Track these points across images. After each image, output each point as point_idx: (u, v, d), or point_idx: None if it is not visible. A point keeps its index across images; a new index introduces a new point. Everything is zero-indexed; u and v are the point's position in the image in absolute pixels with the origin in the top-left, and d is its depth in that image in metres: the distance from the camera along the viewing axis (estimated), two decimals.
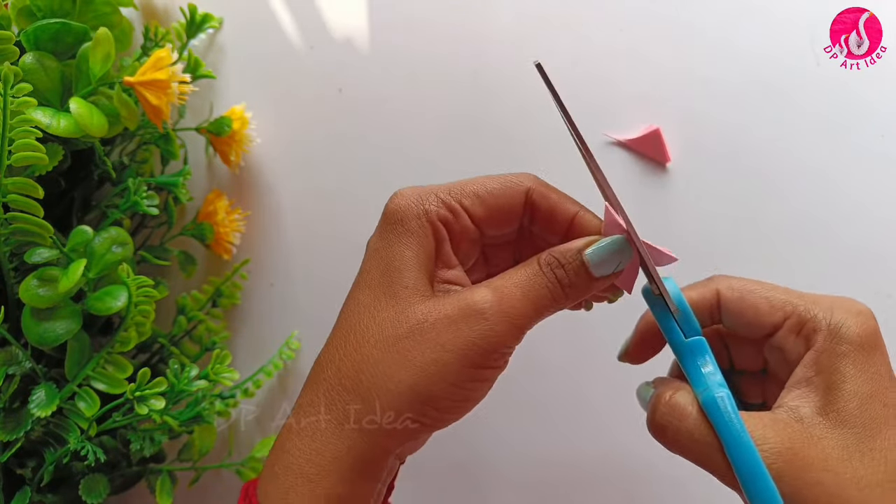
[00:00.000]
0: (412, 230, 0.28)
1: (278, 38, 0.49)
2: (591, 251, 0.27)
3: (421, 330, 0.26)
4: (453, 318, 0.26)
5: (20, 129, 0.32)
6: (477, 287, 0.27)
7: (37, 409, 0.35)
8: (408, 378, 0.26)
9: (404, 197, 0.28)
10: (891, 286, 0.44)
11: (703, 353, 0.28)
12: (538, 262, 0.27)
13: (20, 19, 0.37)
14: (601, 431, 0.46)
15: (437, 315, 0.26)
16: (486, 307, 0.26)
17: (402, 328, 0.26)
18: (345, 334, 0.27)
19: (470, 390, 0.27)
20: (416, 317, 0.26)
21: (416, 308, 0.27)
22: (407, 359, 0.26)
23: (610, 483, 0.46)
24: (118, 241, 0.38)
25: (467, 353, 0.26)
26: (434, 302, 0.27)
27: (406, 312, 0.27)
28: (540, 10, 0.46)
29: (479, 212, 0.29)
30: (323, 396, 0.27)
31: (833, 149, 0.44)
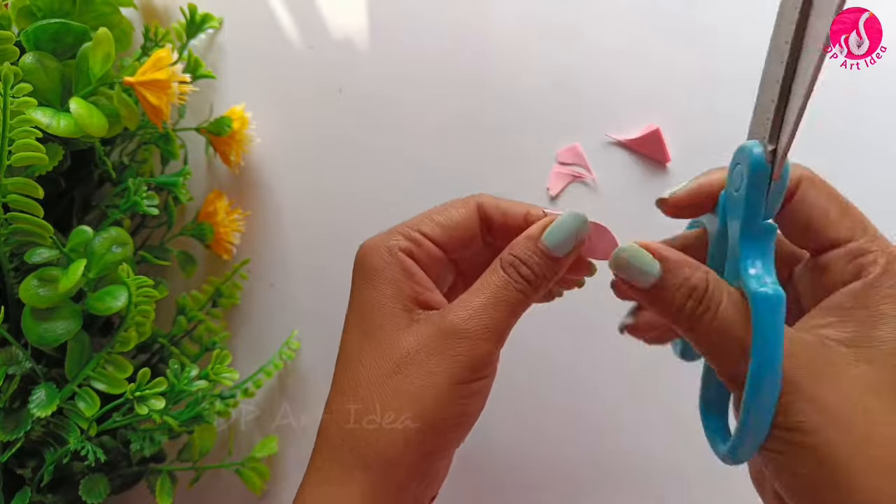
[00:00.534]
0: (379, 269, 0.29)
1: (278, 38, 0.49)
2: (547, 234, 0.28)
3: (406, 362, 0.27)
4: (435, 344, 0.27)
5: (20, 129, 0.32)
6: (451, 306, 0.28)
7: (37, 409, 0.35)
8: (405, 410, 0.27)
9: (368, 243, 0.30)
10: None
11: (770, 239, 0.25)
12: (500, 264, 0.28)
13: (20, 19, 0.37)
14: (605, 432, 0.46)
15: (419, 344, 0.27)
16: (463, 324, 0.27)
17: (388, 365, 0.27)
18: (340, 388, 0.29)
19: (466, 405, 0.28)
20: (399, 351, 0.27)
21: (396, 343, 0.28)
22: (399, 392, 0.27)
23: (613, 483, 0.46)
24: (118, 241, 0.38)
25: (455, 372, 0.27)
26: (413, 332, 0.28)
27: (388, 349, 0.28)
28: (540, 10, 0.46)
29: (440, 235, 0.30)
30: (331, 456, 0.28)
31: (833, 149, 0.44)
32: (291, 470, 0.49)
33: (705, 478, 0.45)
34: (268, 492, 0.49)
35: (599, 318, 0.46)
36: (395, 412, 0.27)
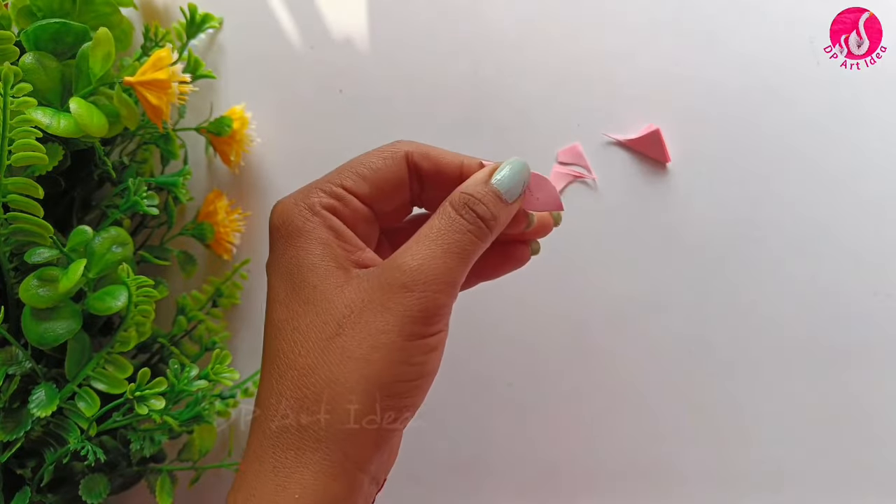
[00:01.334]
0: (303, 230, 0.26)
1: (278, 38, 0.49)
2: (496, 178, 0.27)
3: (350, 322, 0.25)
4: (382, 298, 0.25)
5: (20, 129, 0.32)
6: (395, 257, 0.26)
7: (37, 409, 0.35)
8: (353, 374, 0.24)
9: (283, 203, 0.27)
10: (891, 286, 0.44)
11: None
12: (451, 206, 0.27)
13: (20, 19, 0.37)
14: (601, 432, 0.46)
15: (363, 300, 0.25)
16: (413, 274, 0.25)
17: (330, 328, 0.25)
18: (273, 361, 0.26)
19: (421, 364, 0.25)
20: (340, 310, 0.25)
21: (336, 300, 0.25)
22: (345, 356, 0.24)
23: (611, 483, 0.46)
24: (118, 241, 0.38)
25: (406, 329, 0.25)
26: (355, 288, 0.25)
27: (327, 311, 0.25)
28: (540, 11, 0.46)
29: (365, 189, 0.28)
30: (274, 443, 0.25)
31: (833, 149, 0.44)
32: None
33: (705, 478, 0.45)
34: None
35: (598, 320, 0.46)
36: (340, 384, 0.24)
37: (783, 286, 0.45)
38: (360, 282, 0.26)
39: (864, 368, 0.44)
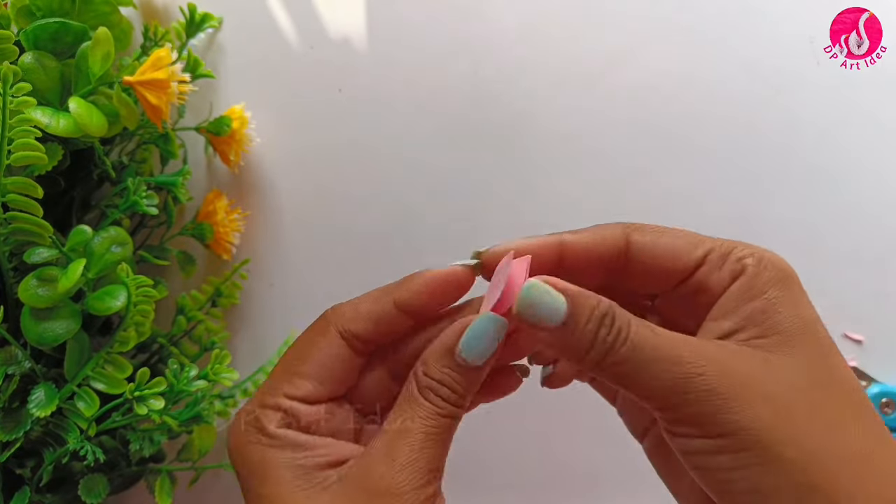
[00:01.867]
0: (263, 460, 0.25)
1: (278, 37, 0.49)
2: (463, 344, 0.24)
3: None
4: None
5: (19, 129, 0.32)
6: (371, 456, 0.24)
7: (36, 408, 0.35)
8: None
9: (234, 435, 0.26)
10: (891, 286, 0.44)
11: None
12: (416, 389, 0.24)
13: (19, 18, 0.37)
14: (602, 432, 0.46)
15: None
16: (393, 479, 0.23)
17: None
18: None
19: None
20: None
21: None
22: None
23: (611, 483, 0.46)
24: (117, 241, 0.38)
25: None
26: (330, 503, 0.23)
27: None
28: (540, 11, 0.46)
29: (309, 390, 0.25)
30: None
31: (833, 149, 0.44)
32: None
33: None
34: None
35: None
36: None
37: None
38: (336, 495, 0.24)
39: (864, 367, 0.44)
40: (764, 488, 0.21)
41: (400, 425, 0.24)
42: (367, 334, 0.25)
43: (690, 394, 0.22)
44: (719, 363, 0.22)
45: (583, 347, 0.23)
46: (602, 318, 0.23)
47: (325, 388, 0.25)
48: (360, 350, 0.26)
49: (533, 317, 0.23)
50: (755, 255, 0.24)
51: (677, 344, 0.22)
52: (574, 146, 0.46)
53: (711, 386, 0.22)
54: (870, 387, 0.44)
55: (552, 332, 0.23)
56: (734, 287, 0.24)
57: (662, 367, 0.22)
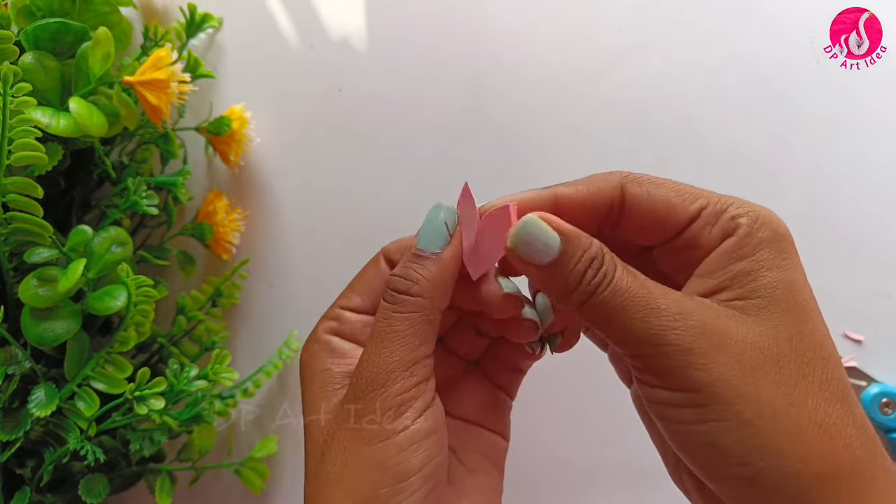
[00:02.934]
0: (307, 364, 0.27)
1: (278, 37, 0.49)
2: (419, 238, 0.26)
3: (328, 445, 0.25)
4: (344, 413, 0.25)
5: (20, 129, 0.32)
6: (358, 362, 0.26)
7: (36, 408, 0.35)
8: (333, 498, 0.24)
9: (305, 345, 0.28)
10: (891, 286, 0.44)
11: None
12: (382, 297, 0.26)
13: (20, 19, 0.37)
14: (602, 432, 0.46)
15: (335, 420, 0.25)
16: (357, 384, 0.25)
17: (317, 456, 0.25)
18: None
19: (398, 464, 0.24)
20: (323, 436, 0.25)
21: (321, 429, 0.26)
22: (325, 480, 0.24)
23: (612, 483, 0.46)
24: (118, 241, 0.38)
25: (365, 435, 0.24)
26: (332, 410, 0.26)
27: (316, 439, 0.26)
28: (540, 10, 0.46)
29: (360, 303, 0.28)
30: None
31: (833, 149, 0.44)
32: (291, 470, 0.49)
33: None
34: (267, 492, 0.49)
35: None
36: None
37: None
38: (339, 403, 0.26)
39: (864, 367, 0.44)
40: (719, 445, 0.22)
41: (373, 326, 0.25)
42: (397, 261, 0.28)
43: (662, 346, 0.22)
44: (696, 320, 0.23)
45: (569, 287, 0.23)
46: (591, 260, 0.23)
47: (372, 302, 0.28)
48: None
49: (526, 253, 0.24)
50: (750, 213, 0.25)
51: (657, 296, 0.23)
52: (574, 145, 0.46)
53: (684, 341, 0.22)
54: (870, 387, 0.44)
55: (542, 269, 0.24)
56: (724, 245, 0.24)
57: (639, 316, 0.23)
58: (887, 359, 0.44)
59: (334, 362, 0.27)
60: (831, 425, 0.22)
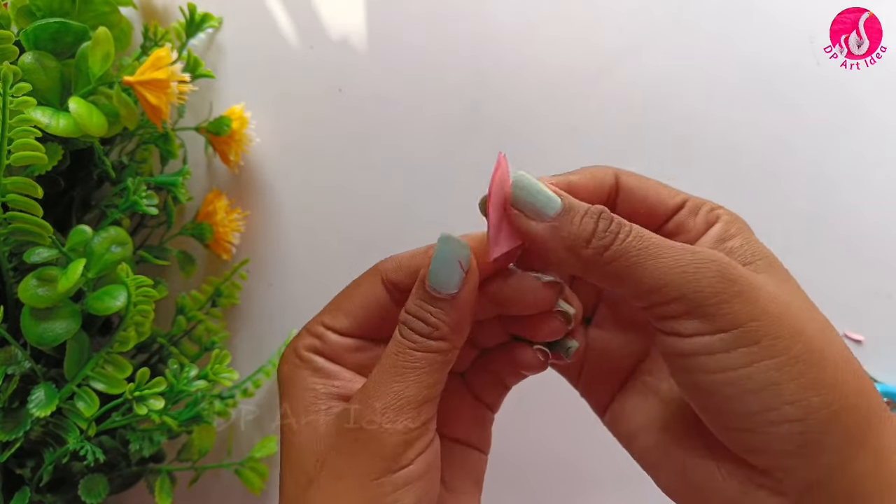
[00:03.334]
0: (290, 379, 0.26)
1: (278, 37, 0.49)
2: (429, 275, 0.24)
3: (318, 469, 0.24)
4: (340, 441, 0.24)
5: (19, 129, 0.32)
6: (354, 394, 0.25)
7: (36, 409, 0.35)
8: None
9: (285, 351, 0.27)
10: (891, 286, 0.44)
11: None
12: (398, 331, 0.25)
13: (19, 19, 0.37)
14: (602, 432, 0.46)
15: (327, 448, 0.24)
16: (362, 412, 0.24)
17: (303, 479, 0.24)
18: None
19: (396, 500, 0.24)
20: (311, 462, 0.24)
21: (309, 451, 0.25)
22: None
23: (612, 483, 0.46)
24: (117, 241, 0.38)
25: (363, 470, 0.23)
26: (324, 434, 0.25)
27: (302, 461, 0.25)
28: (540, 10, 0.46)
29: (344, 322, 0.27)
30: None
31: (833, 149, 0.44)
32: None
33: None
34: (267, 492, 0.49)
35: None
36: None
37: None
38: (329, 426, 0.25)
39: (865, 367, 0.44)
40: (771, 384, 0.21)
41: (381, 362, 0.24)
42: (403, 284, 0.26)
43: (699, 286, 0.22)
44: (726, 261, 0.22)
45: (582, 238, 0.23)
46: (599, 213, 0.23)
47: (360, 325, 0.27)
48: (397, 299, 0.26)
49: (527, 204, 0.23)
50: (723, 210, 0.26)
51: (677, 243, 0.23)
52: (574, 145, 0.46)
53: (722, 279, 0.22)
54: None
55: (547, 225, 0.23)
56: (713, 231, 0.25)
57: (667, 261, 0.22)
58: (887, 359, 0.44)
59: (319, 382, 0.26)
60: (858, 366, 0.23)
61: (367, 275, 0.27)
